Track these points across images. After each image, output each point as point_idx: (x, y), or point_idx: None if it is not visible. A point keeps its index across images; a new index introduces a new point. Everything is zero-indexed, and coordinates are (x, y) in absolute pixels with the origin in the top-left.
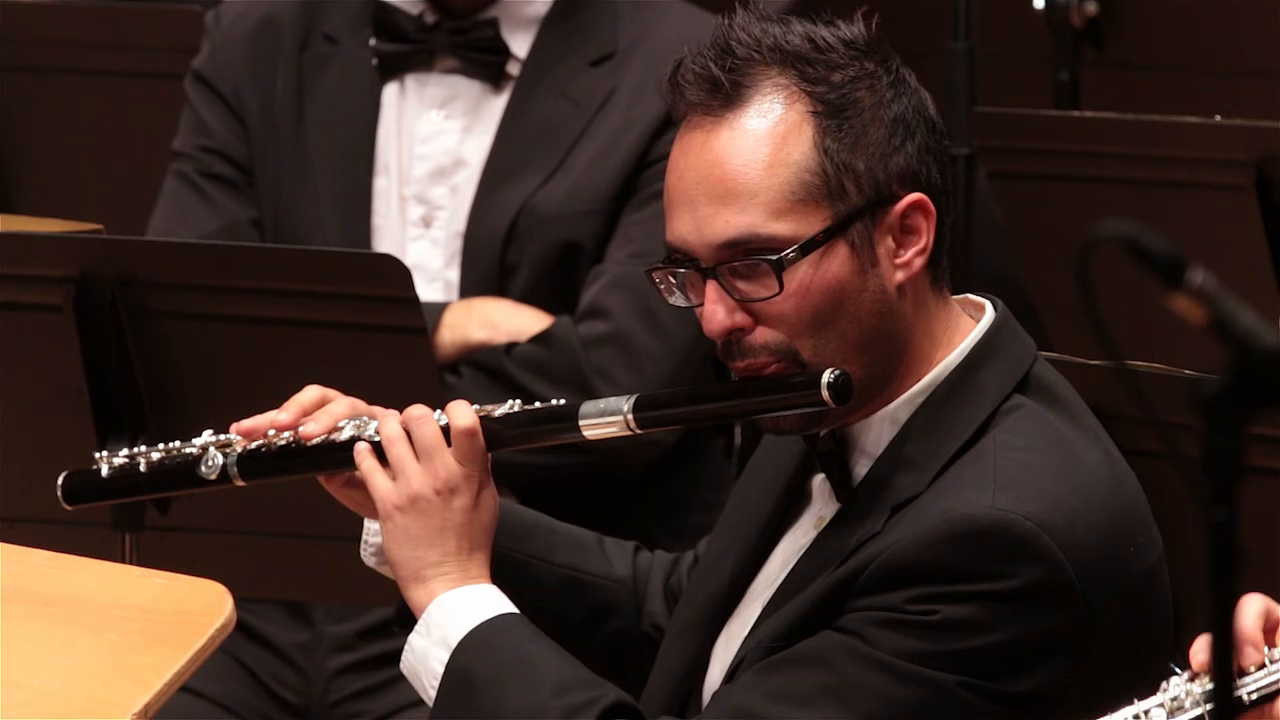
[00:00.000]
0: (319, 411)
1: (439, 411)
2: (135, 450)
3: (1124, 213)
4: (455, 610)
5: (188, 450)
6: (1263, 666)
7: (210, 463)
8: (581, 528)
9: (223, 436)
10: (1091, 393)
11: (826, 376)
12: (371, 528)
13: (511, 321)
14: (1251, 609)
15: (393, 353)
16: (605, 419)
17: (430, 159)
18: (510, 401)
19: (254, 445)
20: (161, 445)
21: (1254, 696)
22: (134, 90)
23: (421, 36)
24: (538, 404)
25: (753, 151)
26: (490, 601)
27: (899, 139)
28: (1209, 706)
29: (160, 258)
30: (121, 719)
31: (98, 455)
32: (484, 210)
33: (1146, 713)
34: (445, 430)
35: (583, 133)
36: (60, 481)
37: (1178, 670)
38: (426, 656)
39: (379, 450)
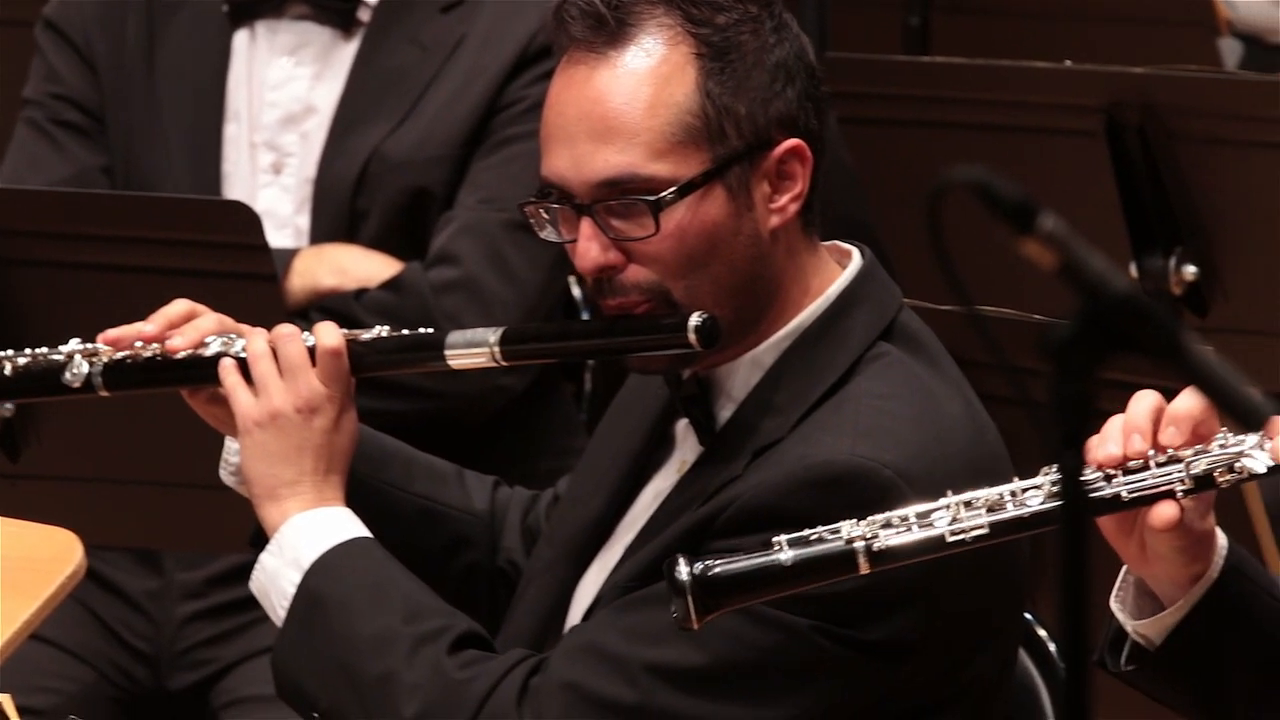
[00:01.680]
0: (186, 326)
1: (307, 333)
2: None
3: (974, 158)
4: (309, 531)
5: (54, 356)
6: (1145, 467)
7: (75, 370)
8: (441, 459)
9: (89, 345)
10: (943, 339)
11: (694, 320)
12: (232, 446)
13: (361, 268)
14: (1145, 402)
15: (243, 299)
16: (471, 349)
17: (280, 106)
18: (377, 328)
19: (120, 356)
20: (28, 350)
21: (1132, 495)
22: None
23: None
24: (405, 331)
25: (635, 91)
26: (344, 525)
27: (780, 84)
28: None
29: (10, 205)
30: None
31: None
32: (334, 157)
33: (1025, 490)
34: (312, 351)
35: (433, 79)
36: None
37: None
38: (277, 576)
39: (244, 368)
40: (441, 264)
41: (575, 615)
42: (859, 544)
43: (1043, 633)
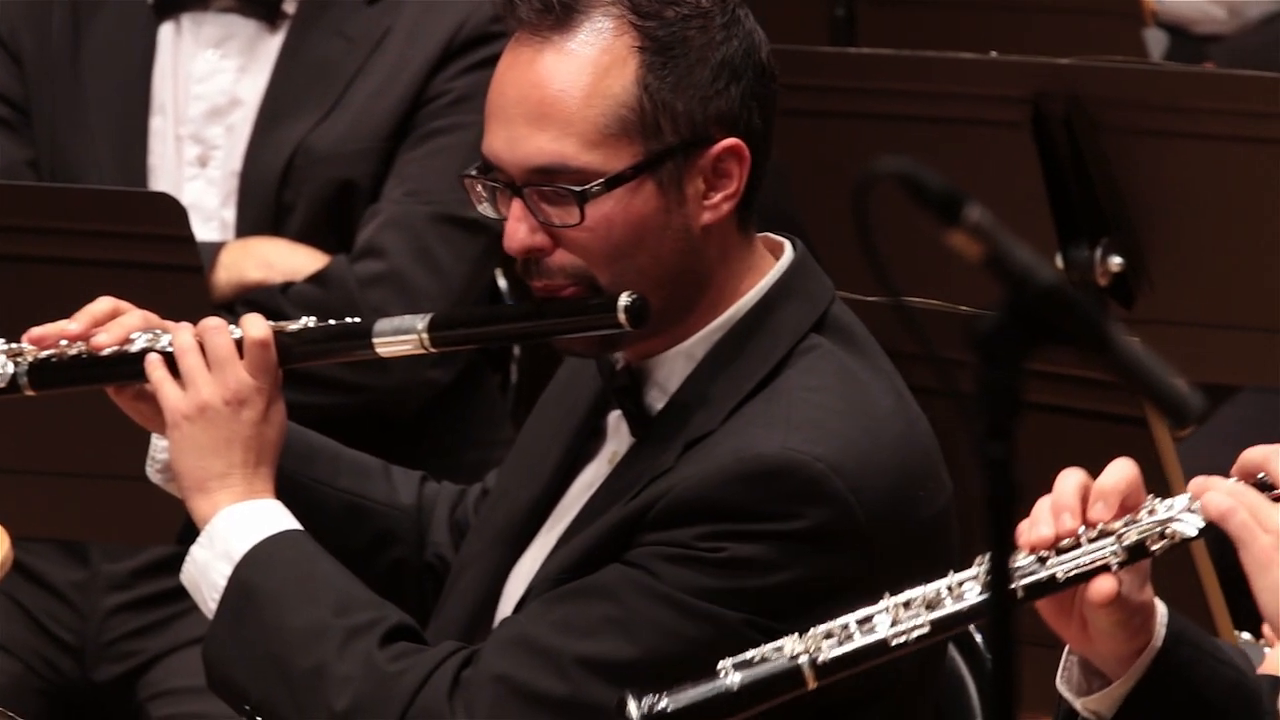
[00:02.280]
0: (111, 323)
1: (234, 325)
2: None
3: (901, 149)
4: (239, 524)
5: None
6: (1077, 545)
7: (0, 370)
8: (367, 454)
9: (14, 345)
10: (872, 331)
11: (623, 300)
12: (159, 444)
13: (287, 261)
14: (1070, 480)
15: (168, 292)
16: (399, 337)
17: (206, 98)
18: (304, 318)
19: (45, 354)
20: None
21: (1068, 575)
22: None
23: None
24: (331, 321)
25: (573, 79)
26: (275, 517)
27: (723, 82)
28: (1023, 582)
29: None
30: None
31: None
32: (260, 150)
33: (960, 584)
34: (239, 343)
35: (359, 71)
36: None
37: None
38: (208, 569)
39: (171, 362)
40: (367, 257)
41: (506, 606)
42: (803, 659)
43: None
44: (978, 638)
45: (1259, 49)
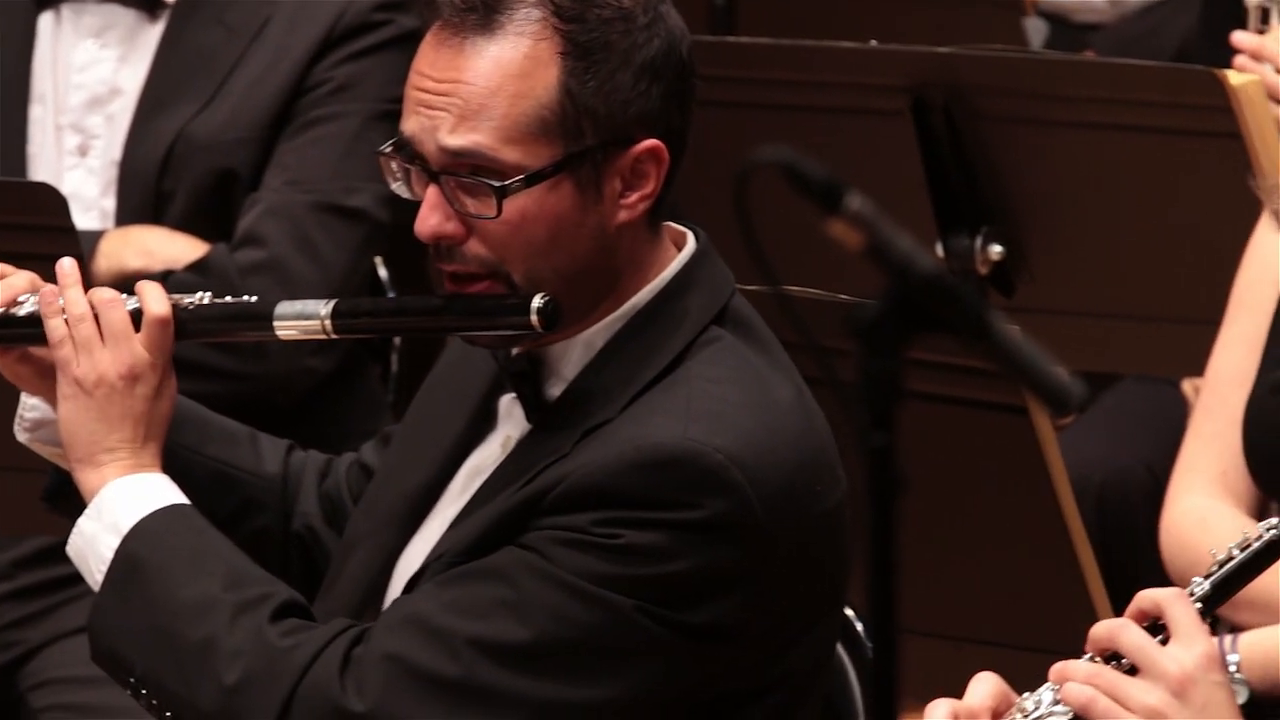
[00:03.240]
0: None
1: (128, 295)
2: None
3: (781, 139)
4: (127, 497)
5: None
6: None
7: None
8: (234, 420)
9: None
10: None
11: (537, 302)
12: (28, 402)
13: (167, 249)
14: (982, 688)
15: (50, 281)
16: (301, 321)
17: (86, 88)
18: (199, 293)
19: None
20: None
21: None
22: None
23: None
24: (229, 298)
25: (498, 79)
26: (163, 491)
27: (645, 84)
28: None
29: None
30: None
31: None
32: (140, 139)
33: None
34: (133, 315)
35: (239, 60)
36: None
37: None
38: (96, 541)
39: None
40: (247, 246)
41: (397, 587)
42: None
43: (850, 612)
44: (858, 626)
45: (1139, 37)
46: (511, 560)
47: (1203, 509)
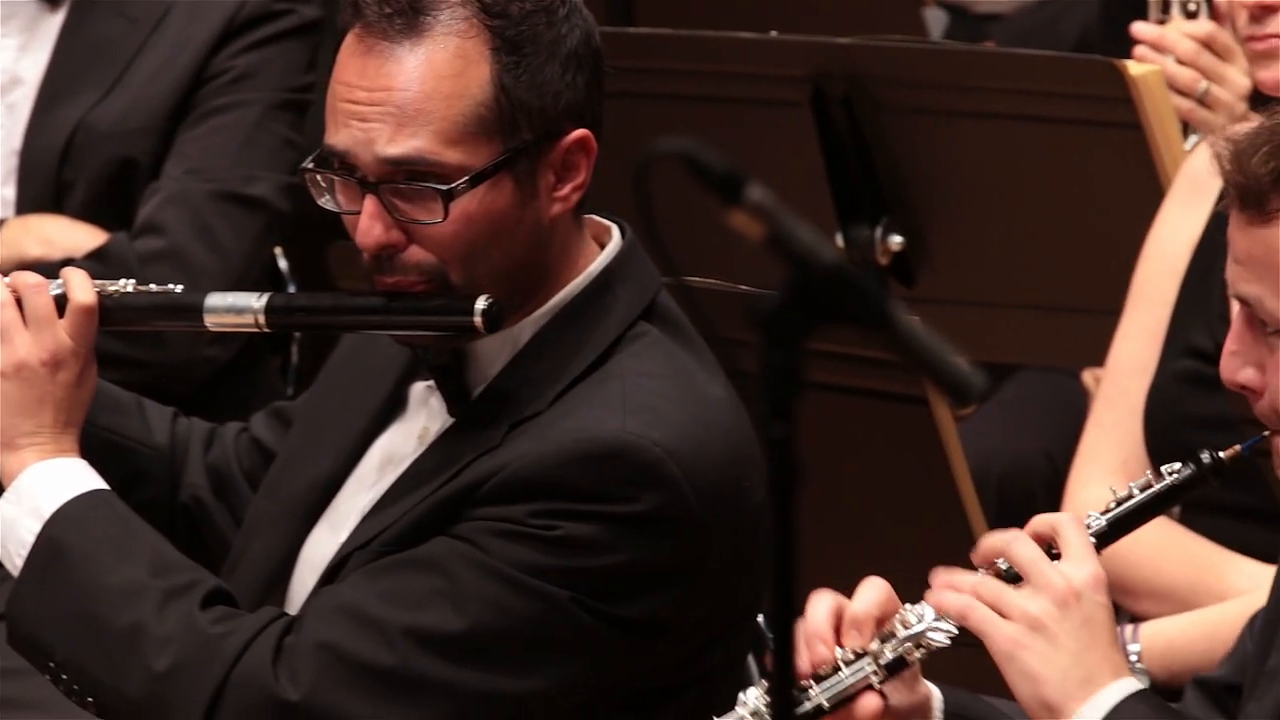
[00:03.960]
0: None
1: (53, 281)
2: None
3: (681, 130)
4: (48, 481)
5: None
6: (836, 669)
7: None
8: (120, 389)
9: None
10: None
11: (480, 304)
12: None
13: (67, 238)
14: (820, 606)
15: None
16: (234, 316)
17: None
18: (123, 280)
19: None
20: None
21: (833, 702)
22: None
23: None
24: (154, 287)
25: (432, 81)
26: (84, 477)
27: (571, 75)
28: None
29: None
30: None
31: None
32: (40, 128)
33: None
34: (57, 301)
35: (140, 50)
36: None
37: (760, 674)
38: (16, 525)
39: None
40: (147, 234)
41: (303, 572)
42: None
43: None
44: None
45: (1039, 27)
46: (446, 551)
47: (1103, 498)
